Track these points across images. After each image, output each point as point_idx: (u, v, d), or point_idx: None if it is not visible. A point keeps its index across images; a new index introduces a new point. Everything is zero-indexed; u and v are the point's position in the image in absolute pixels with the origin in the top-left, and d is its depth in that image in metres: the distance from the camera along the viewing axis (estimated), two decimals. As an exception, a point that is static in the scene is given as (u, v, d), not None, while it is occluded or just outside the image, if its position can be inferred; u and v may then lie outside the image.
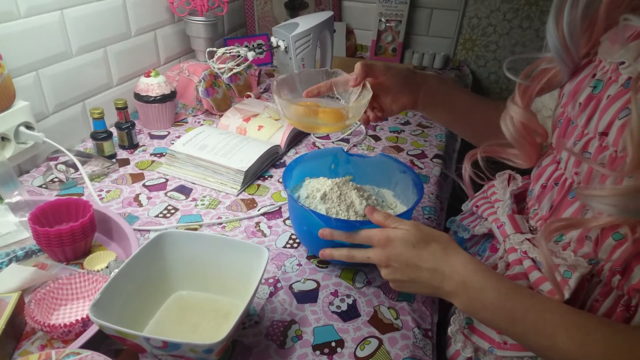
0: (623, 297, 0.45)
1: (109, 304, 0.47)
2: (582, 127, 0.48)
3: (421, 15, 1.54)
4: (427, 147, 1.03)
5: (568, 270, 0.47)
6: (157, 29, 1.11)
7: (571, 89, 0.52)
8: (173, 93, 1.00)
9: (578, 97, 0.50)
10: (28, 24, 0.78)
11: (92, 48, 0.93)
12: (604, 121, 0.44)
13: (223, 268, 0.56)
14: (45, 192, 0.78)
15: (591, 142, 0.47)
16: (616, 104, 0.44)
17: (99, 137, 0.86)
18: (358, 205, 0.63)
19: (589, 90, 0.48)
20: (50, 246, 0.61)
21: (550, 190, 0.53)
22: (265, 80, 1.33)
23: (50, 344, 0.51)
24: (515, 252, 0.54)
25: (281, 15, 1.53)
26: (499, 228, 0.58)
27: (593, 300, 0.47)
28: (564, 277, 0.47)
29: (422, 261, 0.49)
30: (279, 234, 0.72)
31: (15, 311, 0.50)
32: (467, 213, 0.71)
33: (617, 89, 0.44)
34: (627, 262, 0.44)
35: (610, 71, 0.47)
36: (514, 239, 0.55)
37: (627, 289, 0.44)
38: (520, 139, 0.56)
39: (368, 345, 0.55)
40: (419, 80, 0.66)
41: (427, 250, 0.49)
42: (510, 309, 0.44)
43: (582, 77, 0.51)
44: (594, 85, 0.48)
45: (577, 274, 0.46)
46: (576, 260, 0.47)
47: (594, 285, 0.47)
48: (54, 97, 0.87)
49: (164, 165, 0.87)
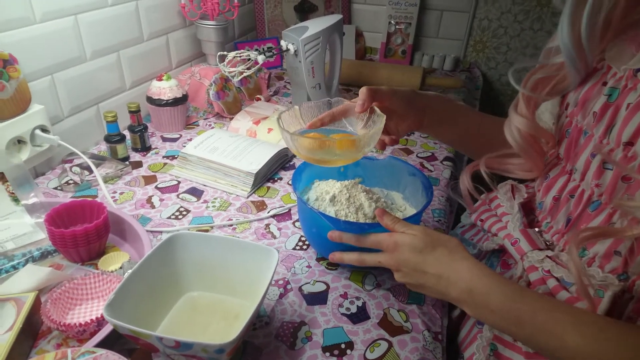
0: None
1: (123, 304, 0.48)
2: (599, 138, 0.47)
3: (431, 18, 1.54)
4: (437, 149, 1.02)
5: (600, 289, 0.45)
6: (169, 33, 1.13)
7: (579, 97, 0.50)
8: (185, 96, 1.01)
9: (590, 106, 0.48)
10: (43, 29, 0.80)
11: (106, 52, 0.95)
12: (629, 131, 0.43)
13: (233, 269, 0.57)
14: (61, 194, 0.80)
15: (613, 153, 0.45)
16: (639, 113, 0.42)
17: (112, 139, 0.87)
18: (367, 207, 0.63)
19: (603, 99, 0.46)
20: (65, 247, 0.62)
21: (566, 203, 0.51)
22: (275, 84, 1.34)
23: (66, 342, 0.52)
24: (537, 270, 0.52)
25: (291, 18, 1.54)
26: (514, 245, 0.55)
27: (626, 318, 0.45)
28: (595, 296, 0.45)
29: (428, 267, 0.49)
30: (289, 236, 0.73)
31: (32, 310, 0.52)
32: (468, 225, 0.69)
33: (637, 97, 0.43)
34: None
35: (625, 78, 0.45)
36: (533, 257, 0.52)
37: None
38: (527, 148, 0.54)
39: (378, 347, 0.55)
40: (423, 101, 0.64)
41: (433, 255, 0.50)
42: (518, 311, 0.44)
43: (590, 85, 0.49)
44: (608, 93, 0.46)
45: (609, 292, 0.44)
46: (605, 276, 0.45)
47: (626, 302, 0.45)
48: (69, 100, 0.88)
49: (175, 167, 0.88)
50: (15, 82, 0.73)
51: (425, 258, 0.50)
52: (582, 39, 0.47)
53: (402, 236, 0.52)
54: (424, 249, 0.50)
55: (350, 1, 1.59)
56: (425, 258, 0.50)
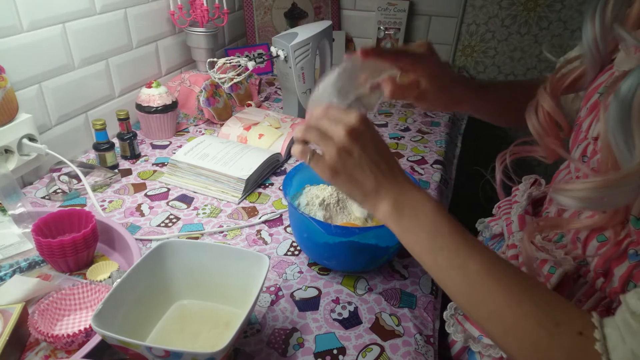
0: (605, 299, 0.46)
1: (112, 314, 0.47)
2: (584, 132, 0.50)
3: (420, 23, 1.55)
4: (427, 153, 1.03)
5: (554, 266, 0.48)
6: (158, 40, 1.12)
7: (587, 93, 0.53)
8: (174, 103, 1.01)
9: (588, 104, 0.51)
10: (30, 37, 0.80)
11: (94, 60, 0.94)
12: (598, 126, 0.46)
13: (224, 276, 0.56)
14: (49, 204, 0.79)
15: (588, 147, 0.48)
16: None
17: (101, 148, 0.87)
18: (357, 212, 0.63)
19: (596, 97, 0.49)
20: (53, 257, 0.61)
21: None
22: (266, 89, 1.34)
23: (54, 354, 0.52)
24: (515, 248, 0.56)
25: (281, 25, 1.55)
26: (507, 226, 0.60)
27: (576, 300, 0.47)
28: (549, 272, 0.48)
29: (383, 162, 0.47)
30: (280, 242, 0.73)
31: (19, 322, 0.51)
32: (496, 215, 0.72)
33: None
34: (608, 265, 0.45)
35: (617, 78, 0.47)
36: (517, 237, 0.57)
37: (609, 291, 0.45)
38: (543, 133, 0.55)
39: (370, 352, 0.55)
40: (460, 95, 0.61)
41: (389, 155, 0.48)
42: (440, 224, 0.44)
43: (597, 84, 0.52)
44: (601, 91, 0.49)
45: (560, 270, 0.47)
46: (563, 258, 0.49)
47: (580, 286, 0.48)
48: (57, 109, 0.88)
49: (165, 174, 0.88)
50: (2, 91, 0.72)
51: (385, 153, 0.47)
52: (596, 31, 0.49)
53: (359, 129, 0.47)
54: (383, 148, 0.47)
55: (340, 7, 1.60)
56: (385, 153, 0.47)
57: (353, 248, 0.62)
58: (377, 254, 0.64)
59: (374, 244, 0.62)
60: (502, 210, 0.66)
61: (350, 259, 0.64)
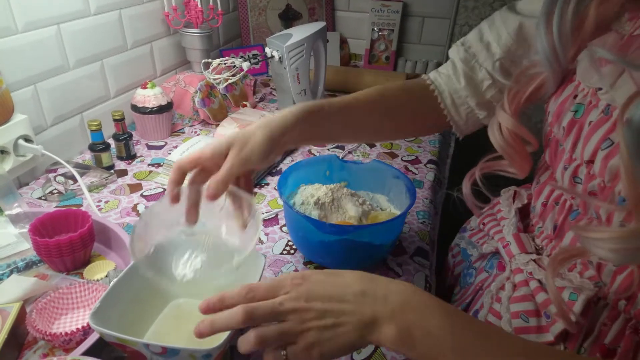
0: (631, 320, 0.44)
1: (109, 312, 0.48)
2: (569, 152, 0.47)
3: (413, 24, 1.57)
4: (421, 153, 1.04)
5: (574, 292, 0.46)
6: (153, 41, 1.13)
7: (555, 109, 0.50)
8: (170, 104, 1.02)
9: (561, 120, 0.48)
10: (25, 39, 0.80)
11: (89, 61, 0.94)
12: (589, 149, 0.43)
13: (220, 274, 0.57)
14: (45, 204, 0.79)
15: (580, 169, 0.46)
16: (598, 132, 0.43)
17: (97, 148, 0.87)
18: (352, 210, 0.64)
19: (570, 115, 0.47)
20: (50, 257, 0.62)
21: (552, 210, 0.52)
22: (261, 90, 1.35)
23: (52, 352, 0.52)
24: (522, 273, 0.53)
25: (275, 26, 1.56)
26: (505, 248, 0.57)
27: (601, 325, 0.45)
28: (569, 299, 0.45)
29: (348, 286, 0.39)
30: (276, 241, 0.74)
31: (17, 321, 0.51)
32: (477, 229, 0.70)
33: (597, 116, 0.43)
34: (630, 290, 0.42)
35: (589, 95, 0.45)
36: (520, 260, 0.54)
37: (634, 313, 0.43)
38: (509, 150, 0.52)
39: (364, 348, 0.56)
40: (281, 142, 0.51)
41: (351, 276, 0.40)
42: (461, 335, 0.36)
43: (564, 98, 0.49)
44: (575, 109, 0.47)
45: (582, 296, 0.45)
46: (582, 282, 0.46)
47: (601, 309, 0.46)
48: (52, 110, 0.88)
49: (161, 175, 0.88)
50: (-3, 92, 0.73)
51: (343, 280, 0.39)
52: (554, 36, 0.46)
53: (306, 271, 0.42)
54: (338, 273, 0.40)
55: (334, 8, 1.61)
56: (343, 280, 0.39)
57: (348, 246, 0.62)
58: (371, 252, 0.65)
59: (369, 241, 0.63)
60: (489, 228, 0.63)
61: (345, 257, 0.65)
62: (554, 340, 0.47)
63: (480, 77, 0.62)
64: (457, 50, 0.65)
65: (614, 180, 0.41)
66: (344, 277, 0.40)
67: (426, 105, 0.65)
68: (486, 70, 0.61)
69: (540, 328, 0.49)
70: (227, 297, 0.40)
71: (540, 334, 0.49)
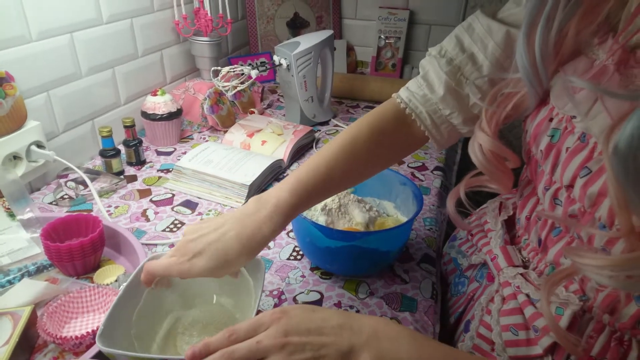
0: (615, 332, 0.45)
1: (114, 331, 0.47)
2: (549, 174, 0.47)
3: (420, 32, 1.58)
4: (427, 159, 1.04)
5: (560, 307, 0.46)
6: (163, 49, 1.15)
7: (532, 130, 0.50)
8: (179, 111, 1.03)
9: (539, 143, 0.48)
10: (39, 47, 0.82)
11: (101, 69, 0.96)
12: (567, 175, 0.44)
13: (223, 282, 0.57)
14: (56, 209, 0.80)
15: (560, 192, 0.46)
16: (576, 159, 0.43)
17: (107, 154, 0.88)
18: (358, 217, 0.64)
19: (547, 139, 0.47)
20: (61, 261, 0.63)
21: (535, 224, 0.53)
22: (269, 97, 1.36)
23: (62, 356, 0.53)
24: (510, 286, 0.53)
25: (283, 34, 1.57)
26: (493, 261, 0.57)
27: (587, 337, 0.46)
28: (556, 313, 0.46)
29: (326, 321, 0.40)
30: (283, 246, 0.74)
31: (28, 324, 0.52)
32: (465, 239, 0.70)
33: (574, 142, 0.44)
34: (613, 305, 0.44)
35: (565, 120, 0.45)
36: (507, 273, 0.54)
37: (619, 326, 0.44)
38: (491, 168, 0.52)
39: None
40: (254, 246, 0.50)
41: (328, 311, 0.42)
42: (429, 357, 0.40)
43: (540, 120, 0.49)
44: (551, 134, 0.46)
45: (568, 311, 0.45)
46: (567, 296, 0.46)
47: (587, 322, 0.46)
48: (64, 116, 0.90)
49: (170, 180, 0.89)
50: (11, 99, 0.74)
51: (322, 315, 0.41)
52: (536, 54, 0.45)
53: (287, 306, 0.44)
54: (316, 308, 0.42)
55: (341, 17, 1.62)
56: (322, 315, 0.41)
57: (354, 252, 0.63)
58: (378, 259, 0.65)
59: (375, 248, 0.63)
60: (477, 239, 0.63)
61: (352, 264, 0.65)
62: (543, 353, 0.48)
63: (467, 92, 0.56)
64: (436, 63, 0.57)
65: (594, 206, 0.41)
66: (322, 313, 0.42)
67: (402, 133, 0.60)
68: (474, 84, 0.55)
69: (530, 341, 0.49)
70: (211, 343, 0.40)
71: (530, 347, 0.49)
